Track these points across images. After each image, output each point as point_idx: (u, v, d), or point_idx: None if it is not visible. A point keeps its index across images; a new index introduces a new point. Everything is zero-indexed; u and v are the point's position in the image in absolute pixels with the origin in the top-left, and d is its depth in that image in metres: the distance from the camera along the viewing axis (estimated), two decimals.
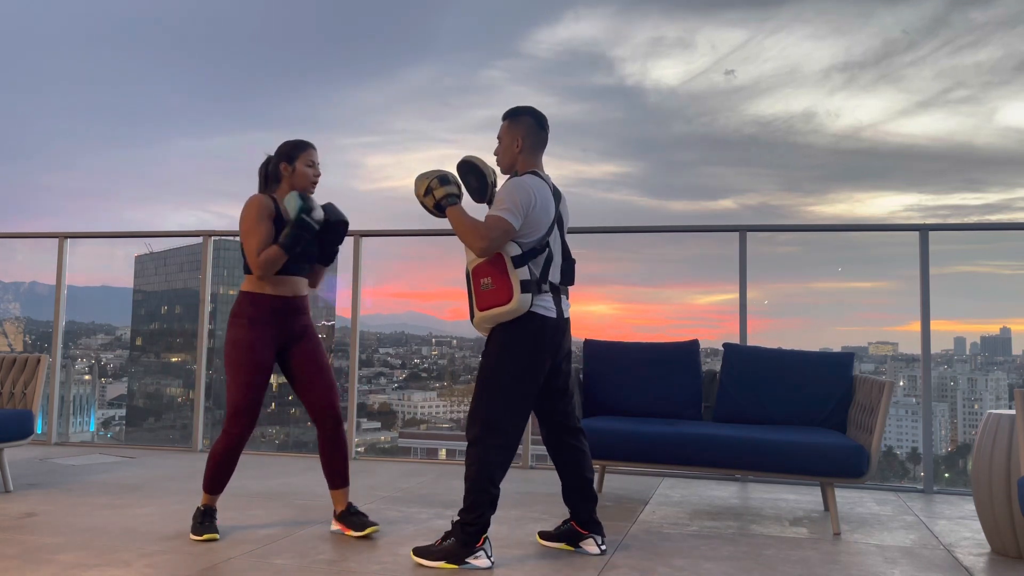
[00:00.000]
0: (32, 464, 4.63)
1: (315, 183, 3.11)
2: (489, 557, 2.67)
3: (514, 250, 2.70)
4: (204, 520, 3.03)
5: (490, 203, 2.91)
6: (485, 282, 2.73)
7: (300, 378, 3.12)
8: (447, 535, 2.72)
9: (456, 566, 2.65)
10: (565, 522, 2.96)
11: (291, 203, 2.93)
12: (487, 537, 2.70)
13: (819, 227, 5.08)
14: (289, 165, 3.07)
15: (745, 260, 4.64)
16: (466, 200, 2.89)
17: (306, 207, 2.92)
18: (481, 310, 2.75)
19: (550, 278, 2.79)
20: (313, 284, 3.22)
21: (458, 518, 2.70)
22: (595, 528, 2.89)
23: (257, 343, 2.98)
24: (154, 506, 3.55)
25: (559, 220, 2.86)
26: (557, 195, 2.88)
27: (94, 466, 4.62)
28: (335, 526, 3.16)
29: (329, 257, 3.17)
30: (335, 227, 3.09)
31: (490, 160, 2.96)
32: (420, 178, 2.82)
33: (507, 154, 2.88)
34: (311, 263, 3.15)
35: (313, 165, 3.10)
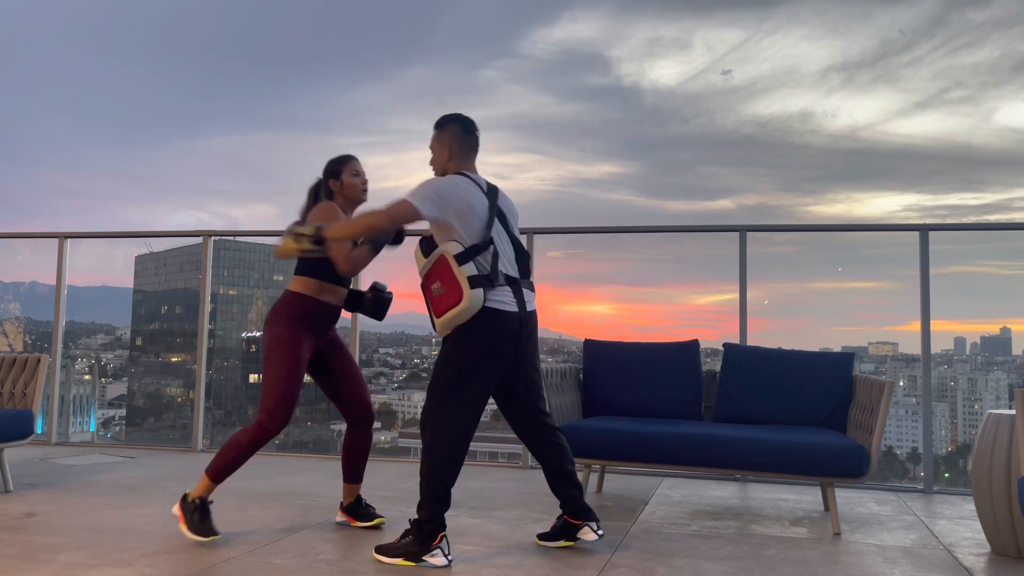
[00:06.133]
0: (32, 464, 4.63)
1: (365, 190, 3.17)
2: (446, 555, 2.69)
3: (455, 248, 2.71)
4: (203, 518, 2.95)
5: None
6: (435, 287, 2.73)
7: (337, 381, 3.18)
8: (405, 533, 2.76)
9: (413, 563, 2.68)
10: (559, 518, 2.95)
11: None
12: (444, 536, 2.72)
13: (819, 227, 5.08)
14: (337, 181, 3.12)
15: (745, 260, 4.64)
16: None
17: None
18: (439, 316, 2.74)
19: (504, 271, 2.78)
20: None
21: (416, 516, 2.74)
22: (587, 515, 2.88)
23: (300, 341, 2.99)
24: (154, 506, 3.54)
25: (500, 215, 2.86)
26: (493, 191, 2.89)
27: (94, 466, 4.62)
28: (340, 517, 3.28)
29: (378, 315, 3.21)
30: (382, 302, 3.16)
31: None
32: (283, 253, 2.84)
33: (438, 162, 2.94)
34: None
35: (359, 174, 3.15)
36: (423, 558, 2.68)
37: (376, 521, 3.21)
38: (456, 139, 2.91)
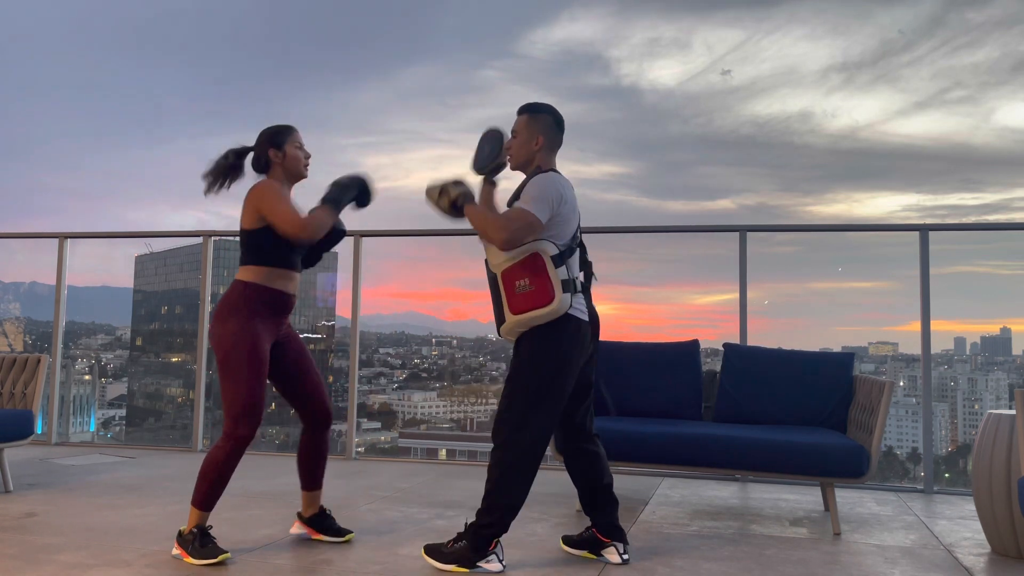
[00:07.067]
0: (32, 464, 4.63)
1: (307, 166, 2.92)
2: (501, 561, 2.62)
3: (552, 249, 2.62)
4: (204, 543, 2.68)
5: (485, 172, 2.86)
6: (521, 284, 2.61)
7: (290, 377, 2.92)
8: (460, 536, 2.65)
9: (467, 569, 2.60)
10: (587, 529, 2.86)
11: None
12: (499, 541, 2.64)
13: (819, 227, 5.08)
14: (279, 151, 2.84)
15: (745, 260, 4.64)
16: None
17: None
18: (516, 313, 2.61)
19: (580, 278, 2.73)
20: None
21: (473, 520, 2.65)
22: (617, 535, 2.79)
23: (261, 337, 2.74)
24: (154, 506, 3.55)
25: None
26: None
27: (94, 466, 4.62)
28: (299, 528, 3.03)
29: (313, 260, 3.01)
30: (335, 233, 2.96)
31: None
32: (433, 184, 2.77)
33: (524, 150, 2.78)
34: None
35: (302, 147, 2.90)
36: (478, 564, 2.60)
37: (347, 537, 2.97)
38: (549, 131, 2.78)
